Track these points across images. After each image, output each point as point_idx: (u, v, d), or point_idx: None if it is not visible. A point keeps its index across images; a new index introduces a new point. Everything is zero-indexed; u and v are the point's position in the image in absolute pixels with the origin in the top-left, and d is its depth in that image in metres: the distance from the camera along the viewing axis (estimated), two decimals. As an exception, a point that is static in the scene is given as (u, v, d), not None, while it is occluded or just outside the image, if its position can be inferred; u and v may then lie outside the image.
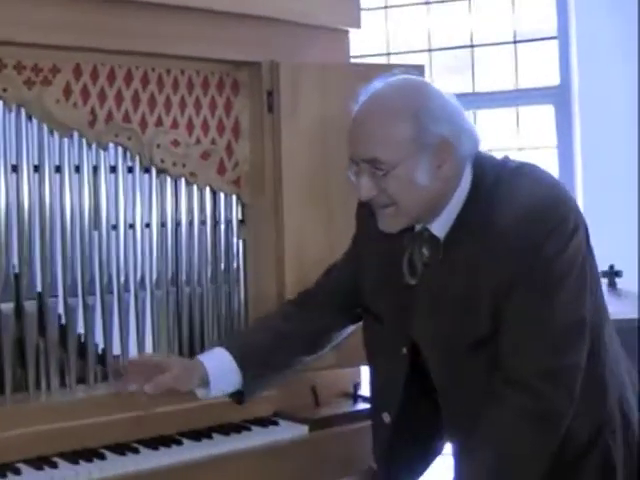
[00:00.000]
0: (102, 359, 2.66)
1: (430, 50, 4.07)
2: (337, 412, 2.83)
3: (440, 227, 1.92)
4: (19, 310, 2.50)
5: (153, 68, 2.69)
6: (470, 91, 4.04)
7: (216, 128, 2.81)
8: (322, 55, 2.94)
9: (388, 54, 4.10)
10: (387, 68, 2.94)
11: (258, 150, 2.85)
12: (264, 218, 2.84)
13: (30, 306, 2.51)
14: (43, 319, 2.54)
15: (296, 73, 2.81)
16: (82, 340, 2.63)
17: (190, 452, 2.48)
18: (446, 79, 4.12)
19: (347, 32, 3.01)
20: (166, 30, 2.63)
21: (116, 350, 2.67)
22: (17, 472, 2.26)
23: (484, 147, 2.01)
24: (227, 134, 2.84)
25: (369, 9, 4.04)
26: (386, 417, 2.14)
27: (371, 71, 2.90)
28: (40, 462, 2.31)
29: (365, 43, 4.10)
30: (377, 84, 1.97)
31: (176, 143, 2.73)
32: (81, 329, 2.62)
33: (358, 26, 3.03)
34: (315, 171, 2.83)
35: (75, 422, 2.46)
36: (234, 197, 2.86)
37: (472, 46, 4.05)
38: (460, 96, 1.96)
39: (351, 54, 4.03)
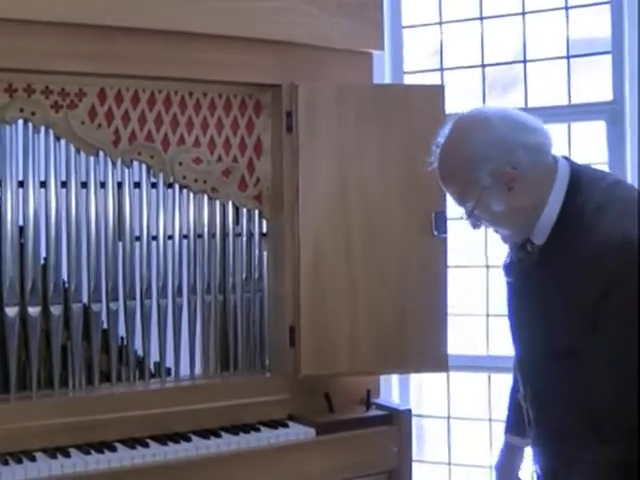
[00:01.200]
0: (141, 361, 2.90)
1: (483, 65, 4.11)
2: (346, 417, 2.96)
3: (539, 237, 1.99)
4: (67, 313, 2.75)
5: (176, 91, 2.89)
6: (522, 106, 4.06)
7: (238, 147, 3.00)
8: (345, 77, 3.08)
9: (441, 69, 4.17)
10: (404, 89, 3.12)
11: (278, 168, 3.02)
12: (283, 232, 3.01)
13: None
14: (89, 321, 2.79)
15: (313, 95, 2.97)
16: (124, 343, 2.88)
17: (197, 449, 2.67)
18: (499, 94, 4.16)
19: (369, 54, 3.14)
20: (188, 56, 2.83)
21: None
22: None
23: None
24: (249, 152, 3.02)
25: (422, 25, 4.13)
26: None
27: (387, 92, 3.07)
28: (55, 451, 2.56)
29: (418, 60, 4.20)
30: (443, 132, 2.05)
31: (198, 161, 2.92)
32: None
33: (380, 48, 3.15)
34: (332, 189, 2.98)
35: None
36: (257, 212, 3.04)
37: (525, 61, 4.07)
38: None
39: (405, 70, 4.19)
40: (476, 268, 3.99)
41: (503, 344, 2.55)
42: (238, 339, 3.02)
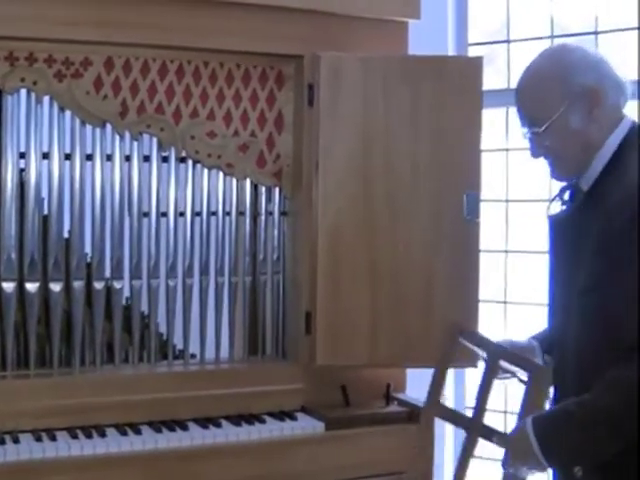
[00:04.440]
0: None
1: (552, 37, 3.82)
2: (360, 412, 2.77)
3: (586, 181, 2.07)
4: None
5: (189, 61, 2.74)
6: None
7: (257, 120, 2.83)
8: (377, 48, 2.87)
9: (508, 41, 3.89)
10: (437, 61, 2.88)
11: (299, 144, 2.84)
12: (303, 211, 2.83)
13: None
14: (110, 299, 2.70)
15: (337, 66, 2.77)
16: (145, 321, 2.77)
17: (191, 438, 2.54)
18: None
19: (405, 23, 2.91)
20: (204, 24, 2.68)
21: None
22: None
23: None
24: (269, 127, 2.85)
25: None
26: None
27: (418, 64, 2.83)
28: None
29: (482, 31, 3.93)
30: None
31: (212, 134, 2.77)
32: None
33: (417, 17, 2.92)
34: (355, 167, 2.78)
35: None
36: (277, 190, 2.88)
37: (596, 33, 3.75)
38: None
39: (469, 42, 3.93)
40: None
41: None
42: (257, 325, 2.88)
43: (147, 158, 2.73)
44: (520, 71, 2.12)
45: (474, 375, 3.74)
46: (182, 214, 2.77)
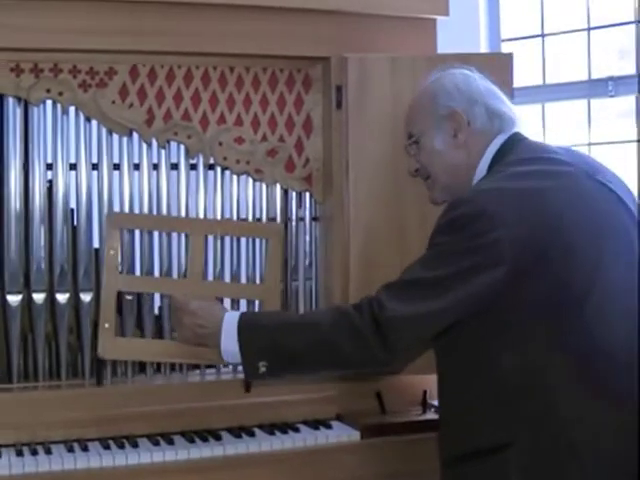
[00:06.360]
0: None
1: (589, 29, 3.73)
2: (398, 420, 2.71)
3: None
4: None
5: (215, 67, 2.72)
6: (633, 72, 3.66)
7: (285, 125, 2.79)
8: (406, 47, 2.81)
9: (542, 35, 3.82)
10: (465, 58, 2.80)
11: (328, 147, 2.79)
12: (334, 216, 2.78)
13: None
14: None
15: (364, 67, 2.71)
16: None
17: (224, 447, 2.49)
18: (607, 60, 3.76)
19: (433, 20, 2.86)
20: (229, 29, 2.65)
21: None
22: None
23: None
24: (297, 131, 2.81)
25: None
26: None
27: (446, 62, 2.76)
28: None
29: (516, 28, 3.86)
30: None
31: (240, 140, 2.74)
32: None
33: (445, 13, 2.86)
34: (385, 170, 2.72)
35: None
36: (307, 194, 2.84)
37: (638, 22, 3.66)
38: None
39: (502, 38, 3.87)
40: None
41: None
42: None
43: (175, 166, 2.70)
44: (556, 66, 2.09)
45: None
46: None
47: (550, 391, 1.97)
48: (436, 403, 2.79)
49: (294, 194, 2.83)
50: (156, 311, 2.72)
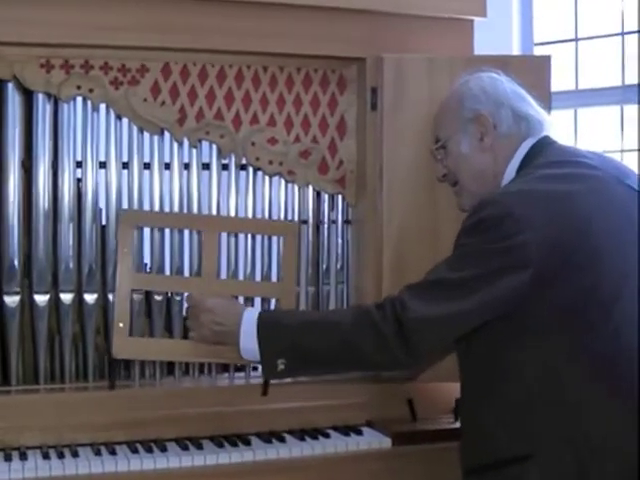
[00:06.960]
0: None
1: (623, 34, 3.68)
2: (429, 428, 2.66)
3: None
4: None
5: (248, 66, 2.67)
6: None
7: (318, 126, 2.75)
8: (443, 48, 2.76)
9: (576, 39, 3.76)
10: (503, 60, 2.75)
11: (362, 149, 2.75)
12: (366, 219, 2.73)
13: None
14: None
15: (401, 68, 2.66)
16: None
17: (254, 452, 2.45)
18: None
19: (470, 21, 2.81)
20: (263, 27, 2.61)
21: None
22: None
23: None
24: (331, 132, 2.76)
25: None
26: None
27: (483, 64, 2.71)
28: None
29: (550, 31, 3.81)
30: None
31: (273, 141, 2.70)
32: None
33: (483, 14, 2.81)
34: (420, 173, 2.67)
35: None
36: (340, 197, 2.79)
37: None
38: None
39: (535, 42, 3.81)
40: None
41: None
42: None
43: (206, 166, 2.66)
44: (589, 71, 2.05)
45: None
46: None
47: (573, 401, 1.92)
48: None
49: (326, 196, 2.78)
50: (184, 312, 2.68)
